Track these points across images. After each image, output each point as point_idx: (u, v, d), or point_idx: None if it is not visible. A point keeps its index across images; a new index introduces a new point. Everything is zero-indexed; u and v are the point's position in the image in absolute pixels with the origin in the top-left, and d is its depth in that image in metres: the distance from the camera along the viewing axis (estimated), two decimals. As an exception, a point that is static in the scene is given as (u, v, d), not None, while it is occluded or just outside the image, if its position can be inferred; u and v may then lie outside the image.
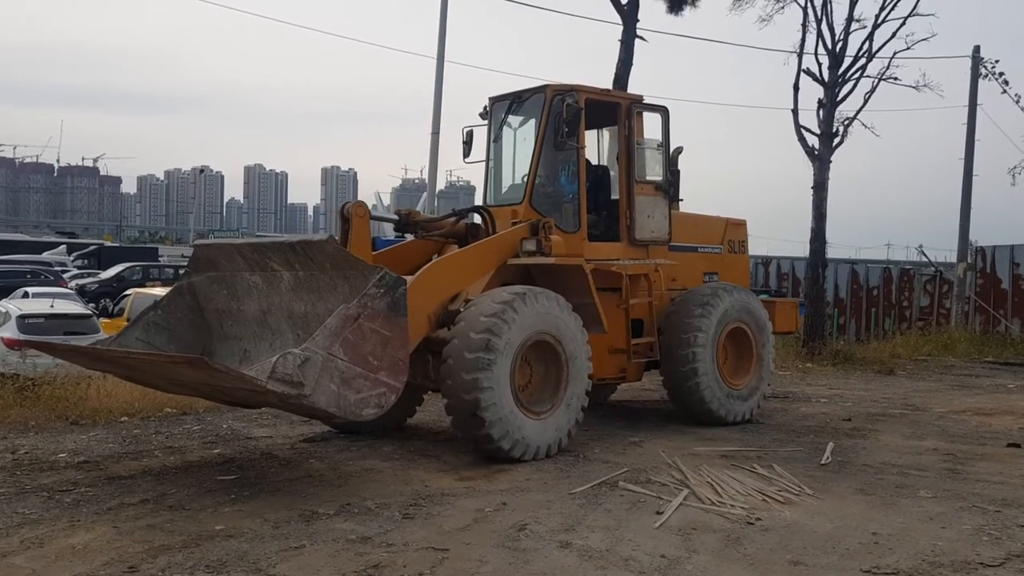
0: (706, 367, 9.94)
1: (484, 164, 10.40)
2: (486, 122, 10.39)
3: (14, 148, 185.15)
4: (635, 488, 7.28)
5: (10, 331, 13.90)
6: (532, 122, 9.88)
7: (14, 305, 15.50)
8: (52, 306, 15.62)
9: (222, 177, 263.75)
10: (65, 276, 34.26)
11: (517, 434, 8.05)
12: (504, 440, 7.96)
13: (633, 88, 17.68)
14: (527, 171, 9.61)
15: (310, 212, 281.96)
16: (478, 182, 10.74)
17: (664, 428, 10.04)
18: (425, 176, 25.13)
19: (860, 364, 17.68)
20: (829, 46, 19.07)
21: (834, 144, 19.05)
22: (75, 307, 17.12)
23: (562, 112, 9.17)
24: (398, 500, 6.85)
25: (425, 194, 27.47)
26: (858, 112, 19.10)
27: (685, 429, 9.95)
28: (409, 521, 6.32)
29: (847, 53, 19.09)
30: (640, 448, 8.95)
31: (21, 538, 5.84)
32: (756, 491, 7.25)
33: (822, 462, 8.49)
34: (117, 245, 60.39)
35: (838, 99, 19.03)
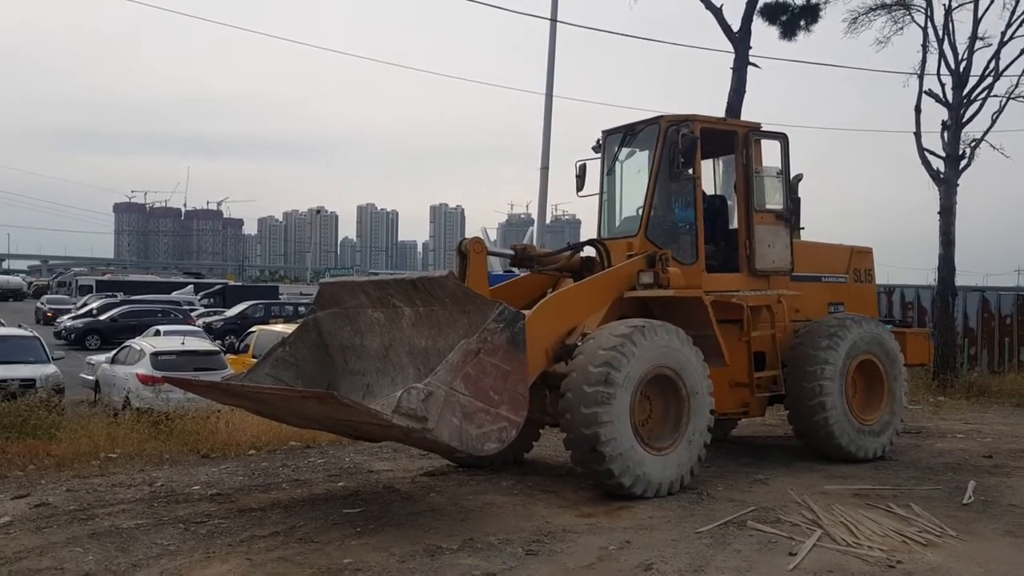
0: (834, 401, 9.55)
1: (597, 197, 10.38)
2: (599, 155, 10.37)
3: (145, 194, 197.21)
4: (765, 528, 7.03)
5: (144, 367, 14.60)
6: (646, 154, 9.81)
7: (148, 343, 16.31)
8: (183, 343, 16.38)
9: (336, 217, 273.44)
10: (193, 314, 35.88)
11: (638, 470, 7.90)
12: (625, 476, 7.83)
13: (745, 115, 17.41)
14: (642, 203, 9.54)
15: (419, 249, 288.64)
16: (584, 216, 10.73)
17: (790, 465, 9.69)
18: (530, 210, 25.38)
19: (996, 397, 16.78)
20: (952, 66, 18.39)
21: (961, 167, 18.27)
22: (204, 344, 17.90)
23: (677, 142, 9.07)
24: (520, 536, 6.80)
25: (532, 228, 27.59)
26: (985, 133, 18.34)
27: (813, 466, 9.58)
28: (532, 558, 6.27)
29: (972, 72, 18.42)
30: (766, 486, 8.66)
31: (161, 569, 6.05)
32: (894, 532, 6.91)
33: (964, 502, 8.05)
34: (240, 284, 63.08)
35: (963, 120, 18.29)
